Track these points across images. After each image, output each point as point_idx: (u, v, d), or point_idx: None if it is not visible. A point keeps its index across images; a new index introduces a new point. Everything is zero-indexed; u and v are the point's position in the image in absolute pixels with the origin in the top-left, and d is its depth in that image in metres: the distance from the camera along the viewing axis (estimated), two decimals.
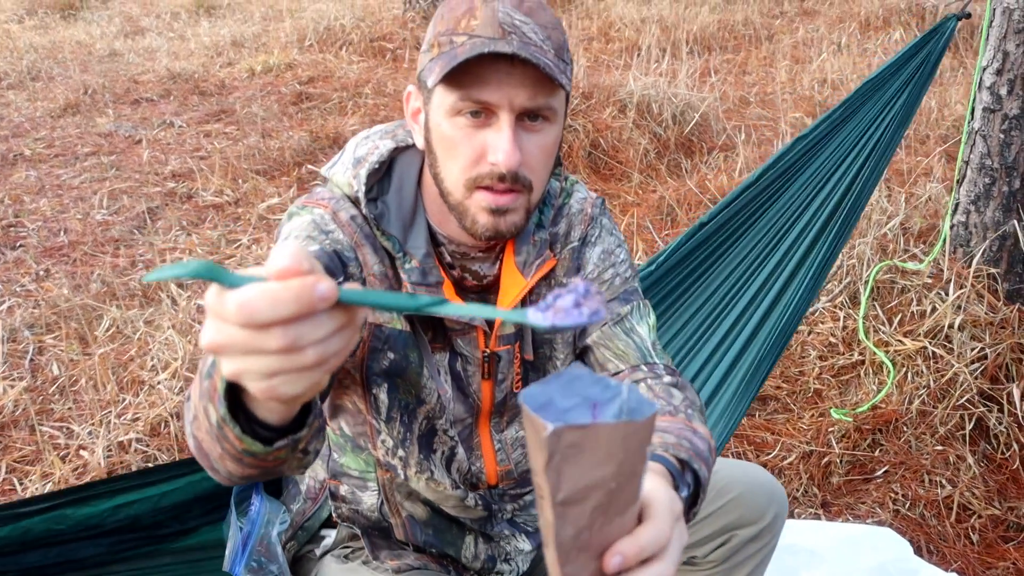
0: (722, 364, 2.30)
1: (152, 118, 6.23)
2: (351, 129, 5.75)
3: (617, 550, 0.84)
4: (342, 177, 1.44)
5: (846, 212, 2.49)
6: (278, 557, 1.65)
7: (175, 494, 1.71)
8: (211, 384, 0.94)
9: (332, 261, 1.37)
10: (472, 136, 1.32)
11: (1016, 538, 2.76)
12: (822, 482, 2.95)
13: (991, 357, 3.16)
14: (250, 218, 4.72)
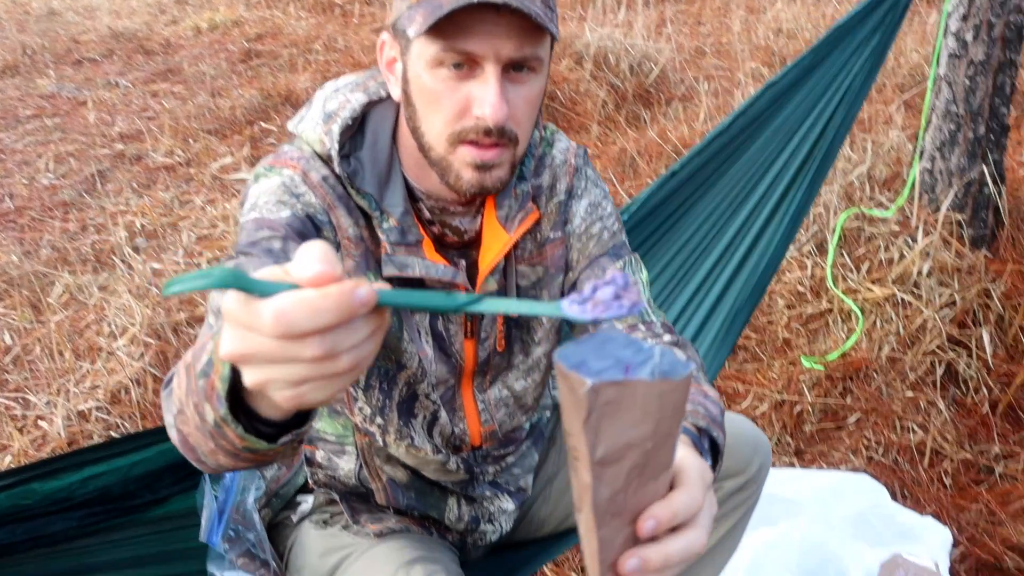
0: (697, 315, 2.27)
1: (96, 79, 6.05)
2: (303, 87, 5.63)
3: (651, 514, 0.83)
4: (312, 134, 1.36)
5: (819, 159, 2.46)
6: (255, 525, 1.60)
7: (145, 463, 1.65)
8: (208, 384, 0.89)
9: (305, 226, 1.31)
10: (455, 88, 1.25)
11: (987, 480, 2.78)
12: (795, 431, 2.94)
13: (959, 303, 3.17)
14: (203, 179, 4.60)
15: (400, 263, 1.35)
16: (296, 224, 1.29)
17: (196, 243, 4.03)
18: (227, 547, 1.58)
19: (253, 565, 1.58)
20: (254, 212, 1.30)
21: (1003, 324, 3.21)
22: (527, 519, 1.82)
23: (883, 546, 2.40)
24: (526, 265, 1.51)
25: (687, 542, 0.86)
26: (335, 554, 1.55)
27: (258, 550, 1.59)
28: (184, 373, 0.97)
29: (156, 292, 3.55)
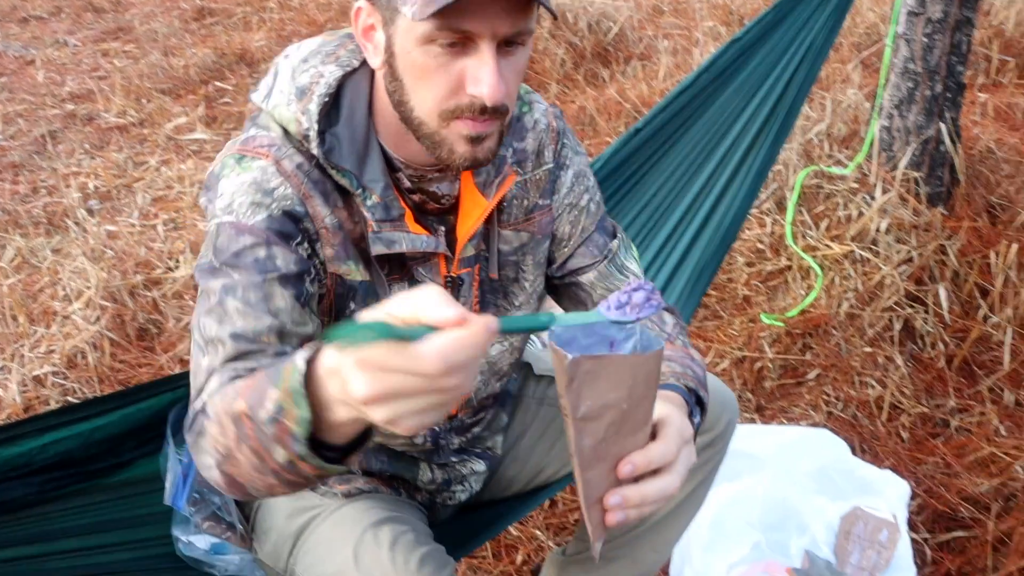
0: (663, 271, 2.28)
1: (44, 37, 5.93)
2: (257, 45, 5.55)
3: (629, 460, 1.03)
4: (286, 112, 1.31)
5: (782, 116, 2.46)
6: None
7: (108, 427, 1.62)
8: (279, 429, 1.00)
9: (284, 225, 1.29)
10: (449, 65, 1.21)
11: (943, 434, 2.82)
12: (756, 387, 2.97)
13: (916, 260, 3.21)
14: (157, 139, 4.53)
15: (387, 240, 1.34)
16: (275, 225, 1.28)
17: (151, 204, 3.98)
18: (192, 510, 1.57)
19: (219, 528, 1.57)
20: (229, 215, 1.28)
21: (959, 280, 3.25)
22: (496, 479, 1.82)
23: (843, 499, 2.44)
24: (511, 230, 1.51)
25: (662, 484, 1.06)
26: (302, 515, 1.55)
27: (224, 512, 1.58)
28: (230, 422, 1.07)
29: (111, 254, 3.50)
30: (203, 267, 1.29)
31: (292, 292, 1.28)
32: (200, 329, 1.26)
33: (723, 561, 2.25)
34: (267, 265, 1.26)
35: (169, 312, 3.23)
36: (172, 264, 3.51)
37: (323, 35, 1.41)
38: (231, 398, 1.10)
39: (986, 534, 2.46)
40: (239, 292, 1.24)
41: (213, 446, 1.13)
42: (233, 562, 1.61)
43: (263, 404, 1.02)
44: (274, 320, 1.25)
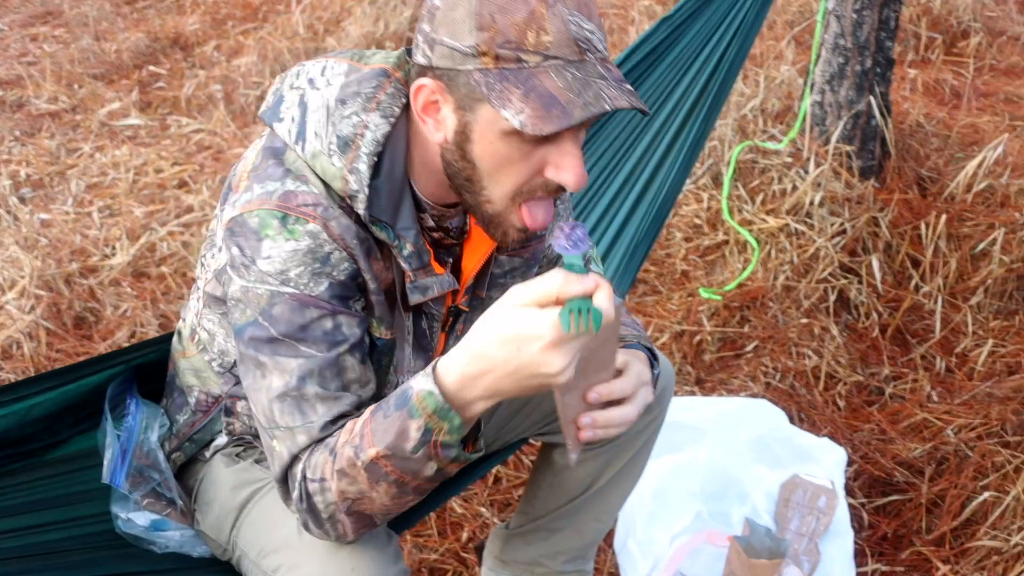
0: (598, 249, 2.29)
1: None
2: (191, 29, 5.47)
3: (595, 389, 1.24)
4: (329, 167, 1.28)
5: (714, 92, 2.49)
6: (160, 463, 1.58)
7: (44, 405, 1.59)
8: (428, 449, 1.18)
9: (344, 289, 1.31)
10: (531, 154, 1.23)
11: (878, 401, 2.89)
12: (695, 360, 3.01)
13: (849, 232, 3.27)
14: (91, 125, 4.45)
15: (423, 287, 1.37)
16: (337, 292, 1.30)
17: (86, 191, 3.92)
18: (131, 487, 1.55)
19: (159, 504, 1.56)
20: (289, 287, 1.27)
21: (891, 251, 3.32)
22: None
23: (782, 468, 2.48)
24: (506, 256, 1.54)
25: (623, 412, 1.27)
26: (246, 488, 1.55)
27: (164, 489, 1.57)
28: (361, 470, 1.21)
29: (45, 243, 3.44)
30: (258, 336, 1.29)
31: (359, 357, 1.33)
32: (274, 413, 1.29)
33: (666, 532, 2.28)
34: (336, 336, 1.30)
35: (107, 300, 3.19)
36: (108, 251, 3.46)
37: (346, 59, 1.37)
38: (351, 457, 1.22)
39: (920, 497, 2.52)
40: (316, 375, 1.28)
41: (340, 500, 1.25)
42: (174, 538, 1.61)
43: (407, 436, 1.17)
44: (349, 395, 1.31)
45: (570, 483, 1.90)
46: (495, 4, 1.16)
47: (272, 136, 1.36)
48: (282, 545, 1.42)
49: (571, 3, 1.17)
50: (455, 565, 2.33)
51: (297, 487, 1.29)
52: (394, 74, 1.33)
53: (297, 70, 1.38)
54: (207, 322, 1.51)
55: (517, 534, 2.03)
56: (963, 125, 4.21)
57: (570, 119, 1.15)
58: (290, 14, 5.37)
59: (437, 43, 1.21)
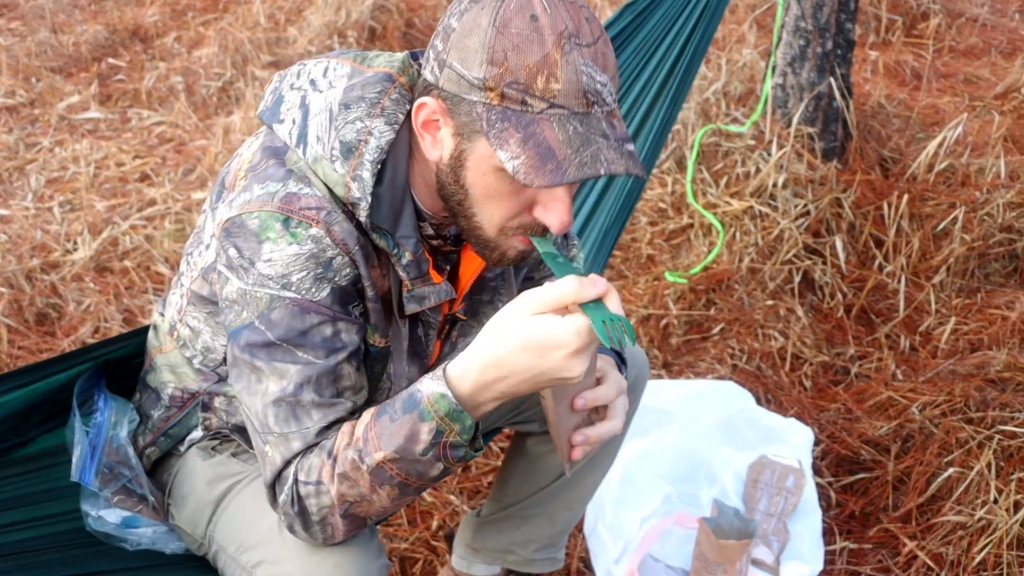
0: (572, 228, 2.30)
1: None
2: (151, 20, 5.41)
3: (582, 396, 1.28)
4: (331, 173, 1.27)
5: (679, 78, 2.49)
6: (129, 459, 1.57)
7: (10, 404, 1.57)
8: (438, 450, 1.20)
9: (345, 295, 1.31)
10: (521, 192, 1.24)
11: (844, 381, 2.92)
12: (662, 343, 3.03)
13: (813, 213, 3.29)
14: (49, 119, 4.39)
15: (419, 296, 1.37)
16: (338, 297, 1.29)
17: (46, 186, 3.87)
18: (101, 484, 1.54)
19: (130, 501, 1.55)
20: (290, 291, 1.26)
21: (855, 232, 3.35)
22: None
23: (750, 449, 2.51)
24: None
25: (611, 426, 1.32)
26: (223, 481, 1.54)
27: (135, 485, 1.56)
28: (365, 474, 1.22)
29: (5, 239, 3.40)
30: (255, 341, 1.28)
31: (355, 364, 1.33)
32: (268, 418, 1.29)
33: (635, 515, 2.30)
34: (335, 343, 1.30)
35: (69, 295, 3.16)
36: (70, 246, 3.42)
37: (348, 60, 1.35)
38: (354, 461, 1.23)
39: (886, 475, 2.55)
40: (313, 382, 1.28)
41: (338, 500, 1.26)
42: (146, 535, 1.59)
43: (417, 439, 1.19)
44: (344, 401, 1.32)
45: (542, 471, 1.91)
46: (511, 41, 1.15)
47: (271, 135, 1.35)
48: (262, 540, 1.41)
49: (588, 53, 1.16)
50: (426, 553, 2.33)
51: (287, 491, 1.29)
52: (398, 79, 1.32)
53: (298, 69, 1.37)
54: (191, 319, 1.48)
55: (488, 522, 2.04)
56: (924, 106, 4.25)
57: (563, 177, 1.15)
58: (251, 4, 5.32)
59: (447, 66, 1.19)
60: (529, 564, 2.04)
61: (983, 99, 4.41)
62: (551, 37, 1.14)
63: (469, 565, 2.10)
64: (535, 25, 1.15)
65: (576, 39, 1.15)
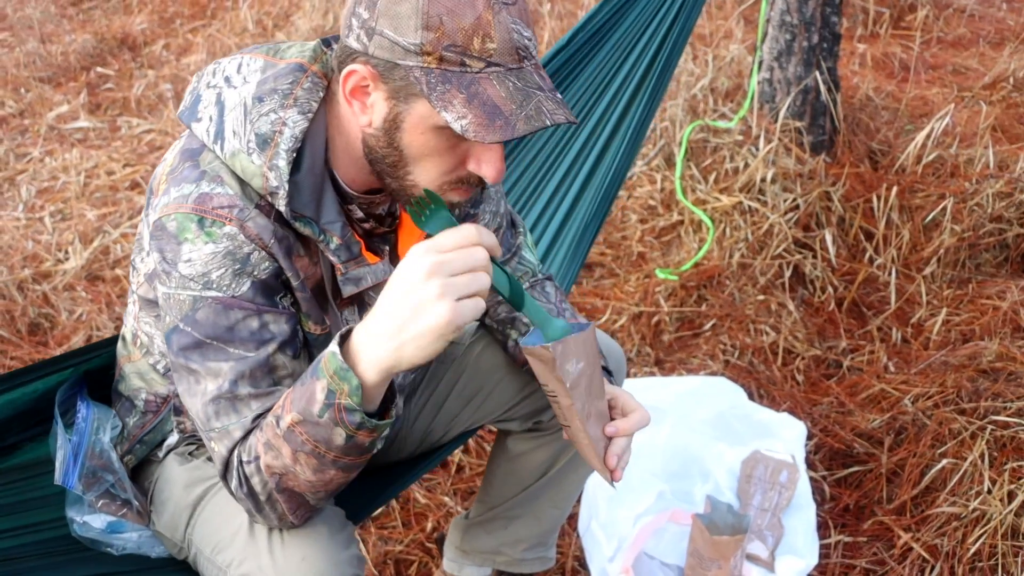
0: (548, 231, 2.30)
1: None
2: (139, 28, 5.41)
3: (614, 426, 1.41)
4: (248, 165, 1.27)
5: (658, 72, 2.48)
6: (113, 464, 1.57)
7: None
8: (333, 412, 1.20)
9: (268, 287, 1.32)
10: (457, 146, 1.26)
11: (836, 374, 2.92)
12: (654, 341, 3.03)
13: (803, 207, 3.29)
14: (39, 129, 4.40)
15: (355, 278, 1.37)
16: (260, 290, 1.31)
17: (36, 196, 3.87)
18: (84, 488, 1.54)
19: (114, 506, 1.55)
20: (211, 290, 1.28)
21: (844, 225, 3.35)
22: (394, 441, 1.84)
23: (743, 444, 2.51)
24: None
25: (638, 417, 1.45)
26: (199, 485, 1.54)
27: (118, 490, 1.56)
28: (283, 441, 1.24)
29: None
30: (185, 344, 1.30)
31: (291, 353, 1.35)
32: (209, 416, 1.32)
33: (629, 512, 2.30)
34: (263, 335, 1.31)
35: (61, 305, 3.15)
36: (61, 256, 3.42)
37: (261, 54, 1.37)
38: (273, 426, 1.25)
39: (880, 467, 2.55)
40: (247, 377, 1.30)
41: (269, 475, 1.28)
42: (131, 539, 1.59)
43: (314, 399, 1.20)
44: (282, 388, 1.33)
45: (525, 471, 1.91)
46: (443, 6, 1.17)
47: (190, 137, 1.36)
48: (235, 538, 1.42)
49: (514, 11, 1.20)
50: (420, 555, 2.33)
51: (235, 475, 1.32)
52: (310, 68, 1.33)
53: (213, 68, 1.38)
54: (145, 325, 1.50)
55: (476, 523, 2.04)
56: (912, 97, 4.26)
57: (512, 132, 1.17)
58: (238, 10, 5.32)
59: (376, 33, 1.20)
60: (519, 564, 2.04)
61: (971, 89, 4.41)
62: (480, 0, 1.18)
63: (460, 568, 2.09)
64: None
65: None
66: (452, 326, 1.14)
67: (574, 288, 3.25)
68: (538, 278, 1.78)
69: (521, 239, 1.78)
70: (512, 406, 1.83)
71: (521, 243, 1.77)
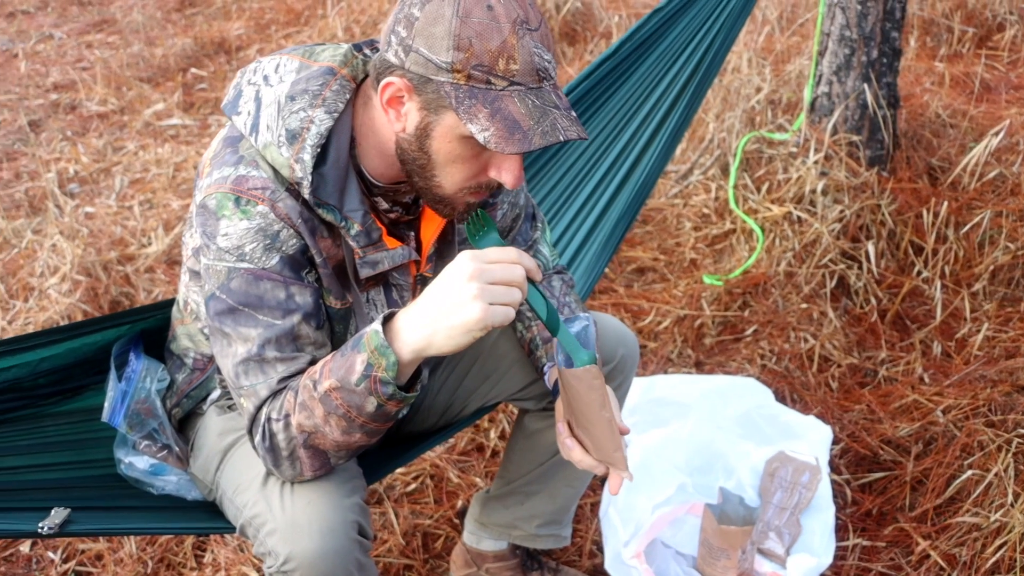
0: (582, 230, 2.41)
1: (30, 31, 6.06)
2: (236, 33, 5.69)
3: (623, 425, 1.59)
4: (278, 156, 1.44)
5: (698, 82, 2.58)
6: (156, 410, 1.76)
7: (55, 359, 1.79)
8: (370, 383, 1.36)
9: (295, 262, 1.48)
10: (480, 155, 1.43)
11: (871, 383, 2.96)
12: (696, 343, 3.11)
13: (852, 218, 3.33)
14: (136, 125, 4.68)
15: (372, 262, 1.53)
16: (288, 264, 1.47)
17: (129, 187, 4.13)
18: (128, 428, 1.74)
19: (155, 447, 1.75)
20: (244, 262, 1.45)
21: (894, 238, 3.38)
22: (417, 412, 1.98)
23: (768, 444, 2.57)
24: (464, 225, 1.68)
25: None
26: (231, 435, 1.72)
27: (159, 435, 1.74)
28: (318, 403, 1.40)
29: (86, 232, 3.65)
30: (220, 309, 1.48)
31: (314, 324, 1.51)
32: (239, 376, 1.49)
33: (648, 501, 2.38)
34: (289, 305, 1.48)
35: (140, 284, 3.38)
36: (145, 241, 3.66)
37: (298, 56, 1.53)
38: (310, 389, 1.41)
39: (905, 475, 2.59)
40: (274, 342, 1.47)
41: (298, 432, 1.43)
42: (171, 482, 1.80)
43: (353, 369, 1.36)
44: (305, 355, 1.50)
45: (540, 447, 2.02)
46: (473, 29, 1.32)
47: (232, 127, 1.54)
48: (251, 484, 1.58)
49: (536, 36, 1.36)
50: (447, 531, 2.46)
51: (260, 429, 1.48)
52: (340, 71, 1.50)
53: (254, 66, 1.55)
54: (193, 294, 1.68)
55: (495, 497, 2.16)
56: (983, 116, 4.23)
57: (529, 145, 1.34)
58: (328, 18, 5.55)
59: (413, 50, 1.36)
60: (533, 540, 2.16)
61: None
62: (507, 24, 1.33)
63: (478, 540, 2.22)
64: (492, 14, 1.33)
65: (526, 25, 1.35)
66: (481, 324, 1.31)
67: (623, 290, 3.35)
68: (548, 272, 1.91)
69: (539, 234, 1.91)
70: (527, 385, 1.95)
71: (538, 237, 1.91)
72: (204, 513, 1.78)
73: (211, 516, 1.76)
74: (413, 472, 2.63)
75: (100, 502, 1.74)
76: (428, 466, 2.64)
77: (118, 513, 1.74)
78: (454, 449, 2.72)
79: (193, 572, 2.33)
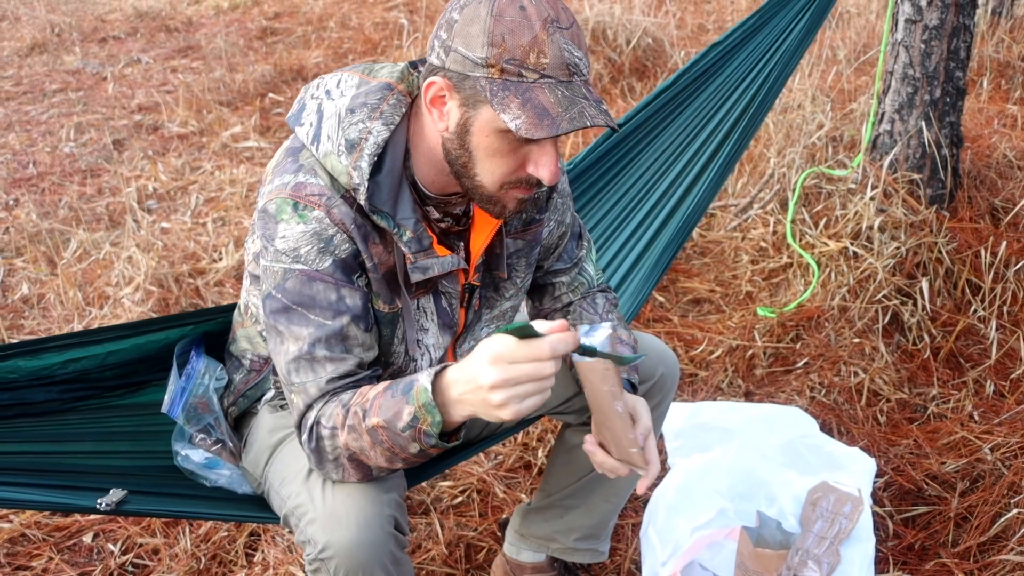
0: (630, 257, 2.48)
1: (119, 55, 6.34)
2: (314, 61, 5.87)
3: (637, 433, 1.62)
4: (337, 164, 1.53)
5: (751, 116, 2.63)
6: (213, 406, 1.86)
7: (121, 353, 1.91)
8: (414, 431, 1.42)
9: (347, 266, 1.57)
10: (518, 149, 1.50)
11: (920, 419, 2.95)
12: (747, 373, 3.14)
13: (908, 255, 3.34)
14: (214, 146, 4.86)
15: (423, 267, 1.61)
16: (340, 268, 1.55)
17: (203, 205, 4.29)
18: (186, 421, 1.84)
19: (209, 441, 1.85)
20: (299, 263, 1.54)
21: (951, 276, 3.37)
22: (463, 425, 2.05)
23: (811, 474, 2.59)
24: (511, 238, 1.79)
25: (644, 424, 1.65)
26: (281, 432, 1.81)
27: (215, 430, 1.84)
28: (365, 433, 1.47)
29: (161, 246, 3.80)
30: (275, 307, 1.58)
31: (363, 326, 1.59)
32: (291, 372, 1.57)
33: (687, 523, 2.41)
34: (340, 307, 1.56)
35: (209, 296, 3.52)
36: (216, 256, 3.81)
37: (358, 73, 1.63)
38: (359, 416, 1.48)
39: (949, 511, 2.59)
40: (324, 341, 1.55)
41: (344, 448, 1.51)
42: (223, 475, 1.90)
43: (400, 418, 1.43)
44: (353, 356, 1.57)
45: (580, 461, 2.08)
46: (506, 26, 1.41)
47: (294, 139, 1.64)
48: (296, 477, 1.67)
49: (567, 34, 1.44)
50: (490, 543, 2.52)
51: (308, 430, 1.56)
52: (397, 87, 1.59)
53: (318, 82, 1.65)
54: (253, 298, 1.78)
55: (535, 510, 2.22)
56: None
57: (557, 129, 1.41)
58: (403, 48, 5.71)
59: (452, 50, 1.45)
60: (571, 553, 2.21)
61: None
62: (538, 22, 1.41)
63: (518, 552, 2.28)
64: (524, 13, 1.41)
65: (557, 23, 1.43)
66: (512, 420, 1.35)
67: (677, 319, 3.39)
68: (593, 289, 1.98)
69: (584, 252, 1.98)
70: (568, 399, 2.01)
71: (584, 256, 1.98)
72: (253, 505, 1.88)
73: (259, 508, 1.85)
74: (460, 486, 2.70)
75: (156, 488, 1.85)
76: (475, 480, 2.71)
77: (172, 500, 1.84)
78: (502, 466, 2.78)
79: (243, 570, 2.42)
